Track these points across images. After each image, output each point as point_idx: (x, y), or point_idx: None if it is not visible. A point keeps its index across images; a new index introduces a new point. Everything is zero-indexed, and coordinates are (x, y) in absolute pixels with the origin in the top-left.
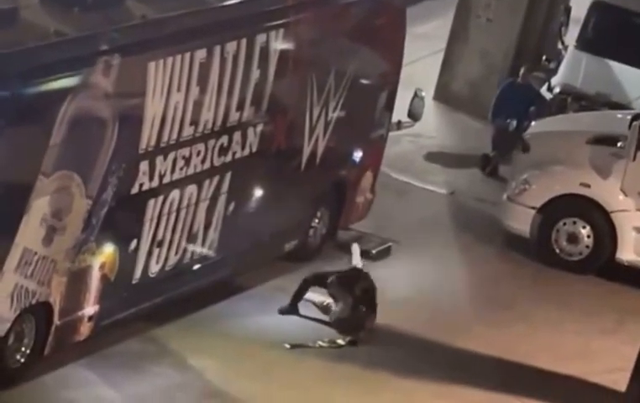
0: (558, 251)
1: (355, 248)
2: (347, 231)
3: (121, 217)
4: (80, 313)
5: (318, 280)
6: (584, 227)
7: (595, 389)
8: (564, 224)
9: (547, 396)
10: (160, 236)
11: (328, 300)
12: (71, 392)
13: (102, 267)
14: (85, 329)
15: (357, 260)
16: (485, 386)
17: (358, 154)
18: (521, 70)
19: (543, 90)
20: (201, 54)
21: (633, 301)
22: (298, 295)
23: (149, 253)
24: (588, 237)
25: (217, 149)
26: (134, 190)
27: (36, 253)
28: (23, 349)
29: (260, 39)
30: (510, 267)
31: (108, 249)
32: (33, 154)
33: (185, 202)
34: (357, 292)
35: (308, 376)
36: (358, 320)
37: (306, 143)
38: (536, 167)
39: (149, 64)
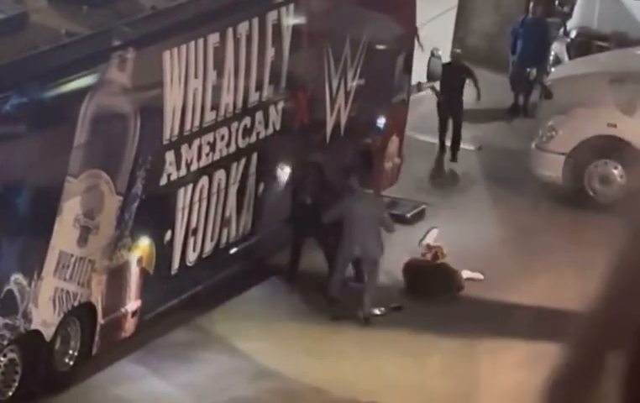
0: (592, 194)
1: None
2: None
3: (153, 210)
4: (123, 310)
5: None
6: (615, 168)
7: None
8: (596, 166)
9: None
10: (193, 224)
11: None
12: (123, 388)
13: (139, 261)
14: (130, 325)
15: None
16: (536, 337)
17: (381, 121)
18: (531, 4)
19: (560, 35)
20: (214, 38)
21: None
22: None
23: (185, 242)
24: (620, 176)
25: (240, 132)
26: (163, 181)
27: (73, 255)
28: (70, 352)
29: (272, 16)
30: (546, 215)
31: (144, 243)
32: (58, 156)
33: (215, 188)
34: None
35: (357, 347)
36: None
37: (328, 115)
38: (561, 112)
39: (163, 54)
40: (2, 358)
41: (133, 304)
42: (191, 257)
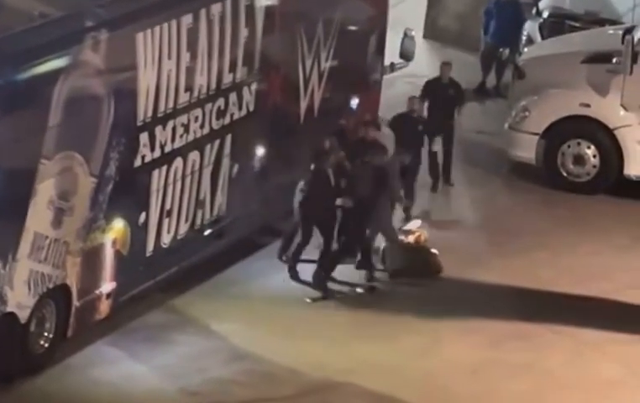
0: (565, 174)
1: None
2: None
3: (127, 192)
4: (98, 292)
5: None
6: (588, 148)
7: (618, 306)
8: (569, 147)
9: (571, 320)
10: (168, 206)
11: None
12: (99, 370)
13: (114, 243)
14: (104, 307)
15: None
16: (510, 317)
17: (355, 101)
18: None
19: (532, 15)
20: (187, 19)
21: None
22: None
23: (160, 224)
24: (594, 156)
25: (214, 113)
26: (137, 162)
27: (47, 237)
28: (45, 334)
29: None
30: (520, 195)
31: (118, 225)
32: (32, 138)
33: (189, 169)
34: None
35: (332, 329)
36: None
37: (302, 96)
38: (534, 93)
39: (136, 35)
40: None
41: (107, 286)
42: (166, 238)
